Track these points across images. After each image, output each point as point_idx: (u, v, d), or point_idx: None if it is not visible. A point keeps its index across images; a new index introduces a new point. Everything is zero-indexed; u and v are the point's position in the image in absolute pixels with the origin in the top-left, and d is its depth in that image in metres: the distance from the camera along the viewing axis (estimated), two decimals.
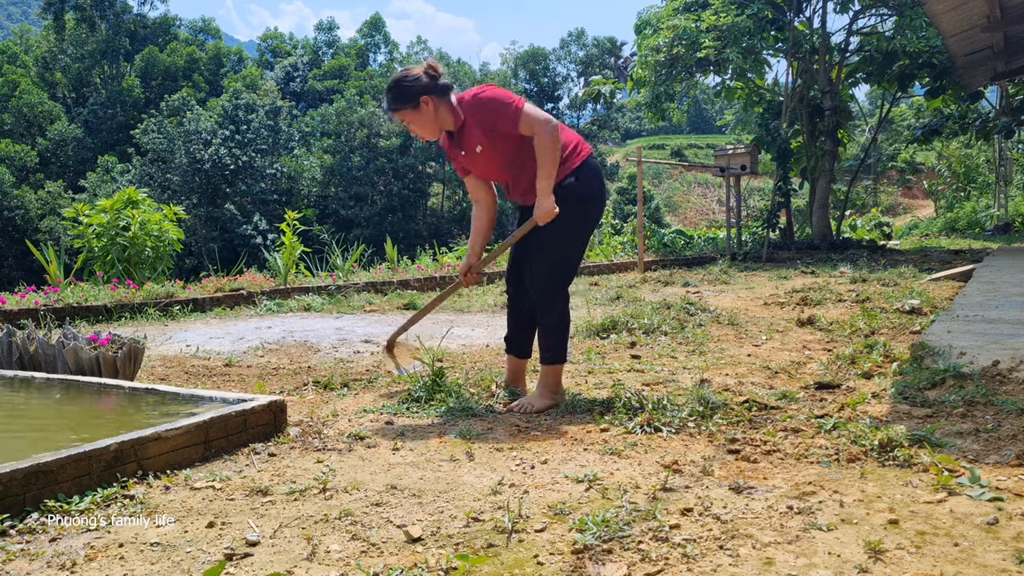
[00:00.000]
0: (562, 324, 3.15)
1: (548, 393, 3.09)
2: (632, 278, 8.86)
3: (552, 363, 3.12)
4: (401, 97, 3.03)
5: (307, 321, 5.86)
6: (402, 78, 3.04)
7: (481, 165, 3.16)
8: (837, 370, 3.57)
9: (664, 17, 12.96)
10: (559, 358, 3.12)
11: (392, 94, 3.05)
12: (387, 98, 3.09)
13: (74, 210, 8.24)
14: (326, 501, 2.09)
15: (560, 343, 3.13)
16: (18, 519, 1.93)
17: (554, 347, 3.12)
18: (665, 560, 1.68)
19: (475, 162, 3.16)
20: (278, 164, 35.93)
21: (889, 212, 33.15)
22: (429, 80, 3.02)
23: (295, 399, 3.35)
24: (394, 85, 3.05)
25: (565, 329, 3.17)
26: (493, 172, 3.20)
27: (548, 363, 3.12)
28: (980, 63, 11.29)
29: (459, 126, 3.11)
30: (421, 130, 3.11)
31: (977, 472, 2.06)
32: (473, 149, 3.10)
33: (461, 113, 3.07)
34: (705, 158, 45.43)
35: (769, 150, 12.63)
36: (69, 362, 3.46)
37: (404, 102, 3.03)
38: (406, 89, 3.02)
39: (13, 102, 39.12)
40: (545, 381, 3.12)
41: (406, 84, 3.02)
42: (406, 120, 3.08)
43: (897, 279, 7.41)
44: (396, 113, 3.08)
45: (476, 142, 3.08)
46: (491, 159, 3.11)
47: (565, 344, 3.15)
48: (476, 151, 3.10)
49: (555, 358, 3.11)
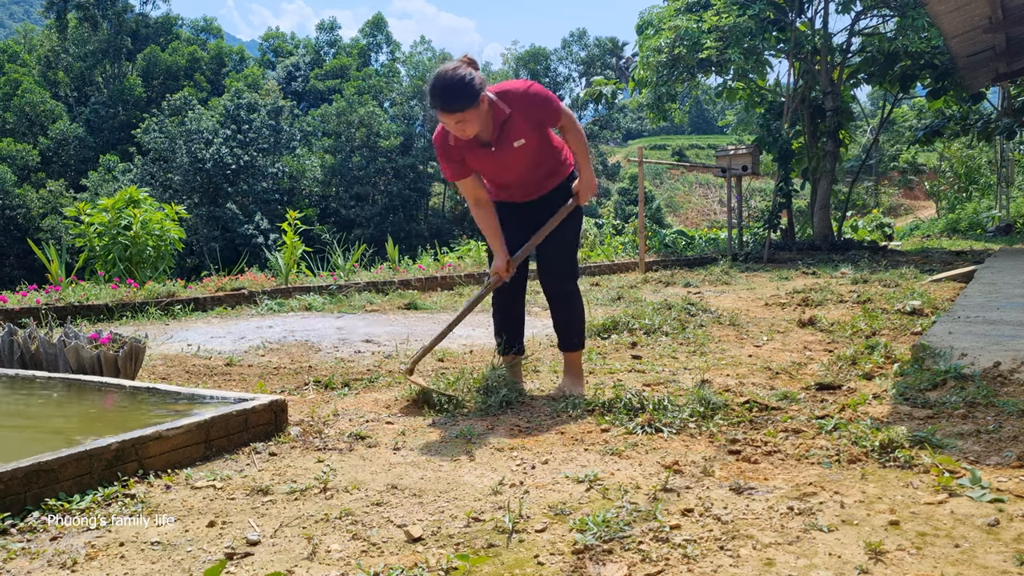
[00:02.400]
0: (582, 311, 3.38)
1: (581, 377, 3.34)
2: (633, 278, 8.86)
3: (579, 349, 3.35)
4: (467, 96, 2.84)
5: (308, 321, 5.86)
6: (463, 76, 2.84)
7: (507, 161, 3.09)
8: (838, 371, 3.57)
9: (666, 18, 12.96)
10: (583, 344, 3.36)
11: (456, 93, 2.84)
12: (444, 97, 2.85)
13: (76, 209, 8.25)
14: (327, 501, 2.09)
15: (582, 329, 3.36)
16: (19, 518, 1.93)
17: (579, 333, 3.34)
18: (665, 560, 1.68)
19: (502, 158, 3.08)
20: (280, 164, 35.94)
21: (890, 213, 33.11)
22: (480, 75, 2.91)
23: (296, 398, 3.35)
24: (457, 83, 2.84)
25: (584, 316, 3.40)
26: (516, 168, 3.14)
27: (576, 349, 3.34)
28: (982, 64, 11.28)
29: (502, 120, 3.00)
30: (474, 128, 2.94)
31: (978, 473, 2.06)
32: (512, 142, 3.04)
33: (505, 107, 2.99)
34: (706, 159, 45.42)
35: (770, 151, 12.62)
36: (70, 361, 3.46)
37: (470, 101, 2.84)
38: (469, 88, 2.83)
39: (15, 101, 39.15)
40: (575, 368, 3.34)
41: (468, 82, 2.83)
42: (463, 119, 2.89)
43: (898, 280, 7.40)
44: (457, 113, 2.86)
45: (520, 135, 3.03)
46: (524, 154, 3.09)
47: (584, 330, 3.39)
48: (515, 145, 3.04)
49: (580, 344, 3.34)
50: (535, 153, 3.12)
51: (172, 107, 37.37)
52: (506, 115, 3.00)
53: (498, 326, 3.43)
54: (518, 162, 3.12)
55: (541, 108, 3.05)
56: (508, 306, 3.38)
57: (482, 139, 3.06)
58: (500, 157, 3.08)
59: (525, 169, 3.16)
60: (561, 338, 3.35)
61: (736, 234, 12.21)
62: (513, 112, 3.01)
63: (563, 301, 3.33)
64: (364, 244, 10.54)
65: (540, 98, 3.05)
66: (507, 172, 3.17)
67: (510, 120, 3.02)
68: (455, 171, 3.15)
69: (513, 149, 3.06)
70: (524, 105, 3.02)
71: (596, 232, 12.89)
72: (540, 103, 3.04)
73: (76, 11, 44.76)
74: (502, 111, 3.00)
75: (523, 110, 3.02)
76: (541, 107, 3.05)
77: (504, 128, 3.02)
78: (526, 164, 3.14)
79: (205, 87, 45.17)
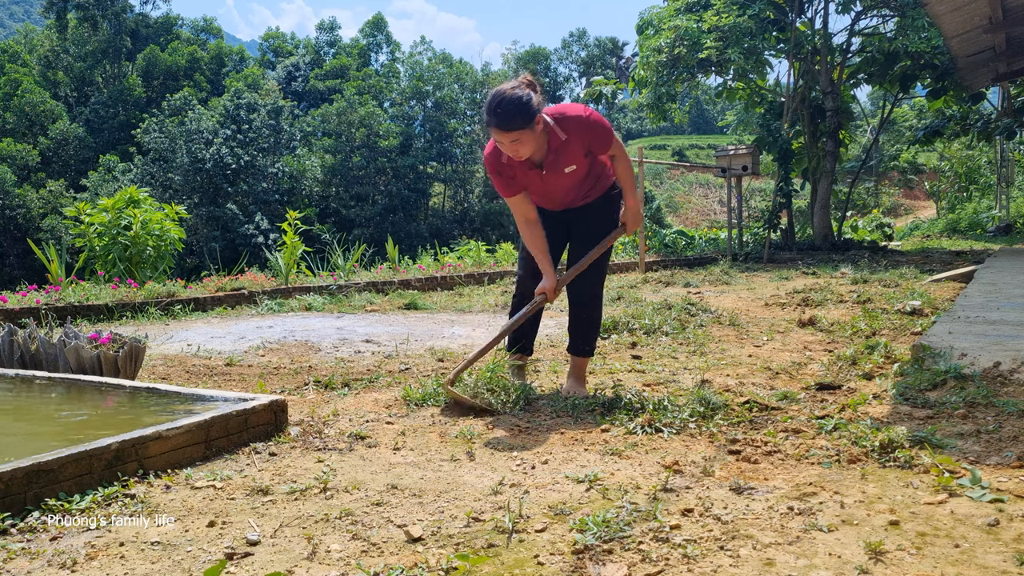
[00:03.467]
0: (599, 321, 3.43)
1: (584, 380, 3.37)
2: (633, 278, 8.86)
3: (588, 356, 3.38)
4: (524, 117, 2.82)
5: (308, 321, 5.86)
6: (520, 96, 2.83)
7: (556, 184, 3.12)
8: (838, 371, 3.57)
9: (666, 18, 12.96)
10: (592, 352, 3.40)
11: (511, 113, 2.82)
12: (502, 116, 2.83)
13: (76, 209, 8.25)
14: (327, 501, 2.09)
15: (596, 338, 3.40)
16: (19, 518, 1.93)
17: (592, 341, 3.37)
18: (665, 560, 1.68)
19: (552, 180, 3.10)
20: (280, 164, 35.93)
21: (890, 213, 33.11)
22: (537, 97, 2.88)
23: (296, 398, 3.35)
24: (514, 103, 2.82)
25: (600, 325, 3.46)
26: (564, 190, 3.17)
27: (586, 355, 3.37)
28: (982, 64, 11.29)
29: (557, 146, 2.99)
30: (527, 150, 2.92)
31: (978, 473, 2.06)
32: (564, 168, 3.04)
33: (561, 133, 2.98)
34: (706, 159, 45.41)
35: (770, 151, 12.63)
36: (70, 361, 3.46)
37: (524, 123, 2.83)
38: (527, 108, 2.82)
39: (15, 101, 39.14)
40: (580, 372, 3.36)
41: (526, 102, 2.82)
42: (518, 139, 2.87)
43: (898, 280, 7.40)
44: (511, 132, 2.84)
45: (572, 161, 3.04)
46: (574, 178, 3.12)
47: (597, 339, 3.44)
48: (566, 171, 3.06)
49: (591, 351, 3.38)
50: (583, 176, 3.15)
51: (172, 107, 37.36)
52: (561, 141, 2.99)
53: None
54: (566, 184, 3.15)
55: (595, 136, 3.05)
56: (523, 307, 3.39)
57: (534, 160, 3.05)
58: (550, 179, 3.10)
59: (571, 189, 3.20)
60: (573, 341, 3.36)
61: (736, 234, 12.21)
62: (569, 139, 3.00)
63: (585, 308, 3.34)
64: (364, 244, 10.55)
65: (598, 127, 3.04)
66: (554, 192, 3.19)
67: (565, 146, 3.00)
68: (507, 187, 3.13)
69: (564, 174, 3.07)
70: (581, 131, 3.01)
71: None
72: (596, 132, 3.04)
73: (76, 11, 44.76)
74: (558, 137, 2.98)
75: (581, 136, 3.01)
76: (596, 135, 3.04)
77: (559, 154, 3.02)
78: (573, 185, 3.17)
79: (205, 87, 45.15)
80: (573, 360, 3.38)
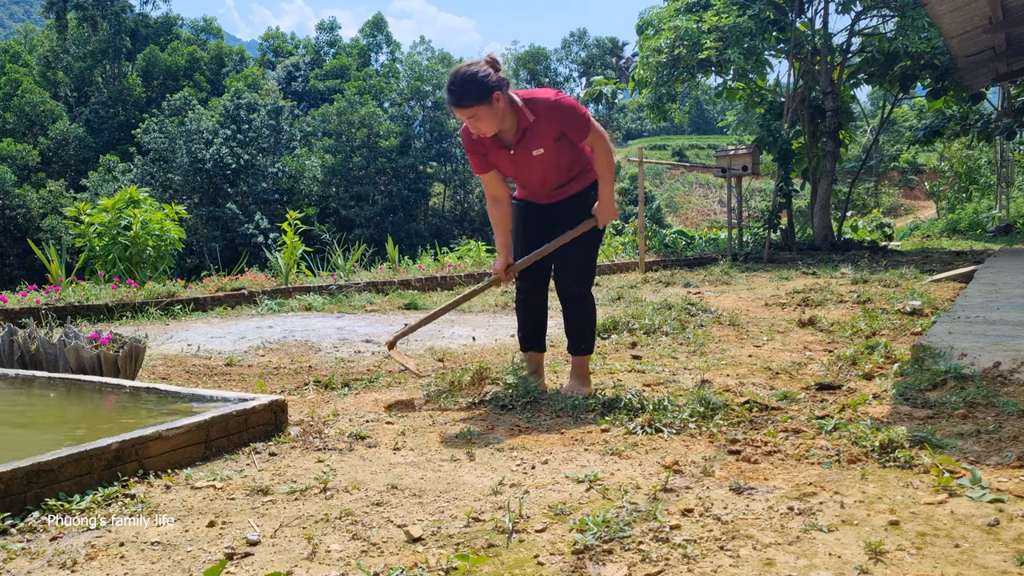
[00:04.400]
0: (594, 317, 3.41)
1: (587, 380, 3.36)
2: (633, 278, 8.85)
3: (587, 354, 3.37)
4: (477, 93, 2.88)
5: (308, 321, 5.86)
6: (475, 72, 2.89)
7: (524, 166, 3.14)
8: (838, 371, 3.57)
9: (666, 18, 12.96)
10: (591, 349, 3.39)
11: (465, 88, 2.88)
12: (456, 92, 2.90)
13: (76, 209, 8.25)
14: (327, 501, 2.09)
15: (593, 335, 3.39)
16: (19, 518, 1.93)
17: (589, 339, 3.36)
18: (665, 560, 1.68)
19: (520, 162, 3.12)
20: (280, 164, 35.94)
21: (890, 213, 33.10)
22: (497, 75, 2.94)
23: (296, 398, 3.35)
24: (468, 79, 2.88)
25: (595, 322, 3.44)
26: (535, 173, 3.18)
27: (585, 353, 3.37)
28: (982, 64, 11.28)
29: (524, 127, 3.03)
30: (487, 126, 2.98)
31: (978, 473, 2.06)
32: (531, 150, 3.07)
33: (530, 114, 3.01)
34: (706, 159, 45.40)
35: (770, 151, 12.62)
36: (70, 361, 3.46)
37: (479, 98, 2.89)
38: (481, 84, 2.87)
39: (15, 101, 39.15)
40: (581, 371, 3.36)
41: (480, 78, 2.88)
42: (475, 115, 2.93)
43: (898, 280, 7.40)
44: (467, 109, 2.91)
45: (541, 144, 3.06)
46: (544, 161, 3.12)
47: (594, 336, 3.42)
48: (534, 153, 3.08)
49: (589, 349, 3.38)
50: (555, 161, 3.14)
51: (172, 107, 37.36)
52: (529, 122, 3.02)
53: (520, 323, 3.47)
54: (537, 168, 3.15)
55: (566, 120, 3.05)
56: (529, 304, 3.40)
57: (504, 139, 3.09)
58: (519, 160, 3.12)
59: (544, 175, 3.19)
60: (570, 341, 3.37)
61: (736, 234, 12.21)
62: (537, 120, 3.02)
63: (576, 304, 3.34)
64: (364, 244, 10.55)
65: (567, 111, 3.05)
66: (526, 175, 3.21)
67: (532, 128, 3.03)
68: (478, 164, 3.21)
69: (532, 156, 3.09)
70: (549, 116, 3.03)
71: None
72: (565, 116, 3.04)
73: (76, 11, 44.76)
74: (526, 118, 3.02)
75: (547, 120, 3.03)
76: (566, 119, 3.05)
77: (525, 135, 3.05)
78: (545, 171, 3.17)
79: (205, 87, 45.16)
80: (572, 360, 3.39)
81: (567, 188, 3.25)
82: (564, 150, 3.12)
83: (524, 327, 3.44)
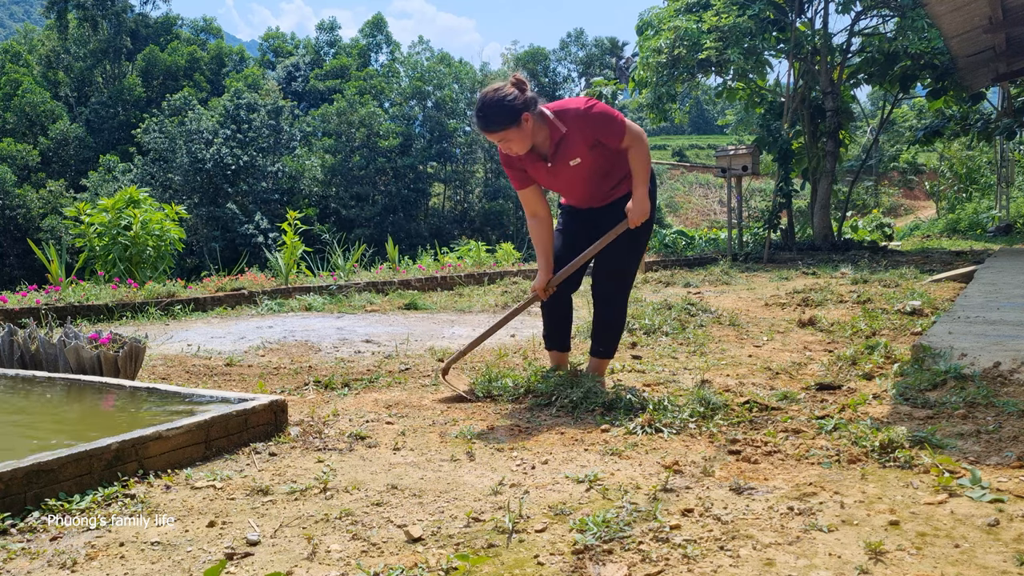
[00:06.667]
0: (621, 323, 3.37)
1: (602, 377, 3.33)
2: None
3: (605, 358, 3.37)
4: (505, 117, 2.91)
5: (308, 321, 5.86)
6: (503, 97, 2.91)
7: (565, 177, 3.14)
8: (838, 371, 3.57)
9: (665, 18, 12.96)
10: (610, 354, 3.38)
11: (493, 113, 2.91)
12: (485, 118, 2.94)
13: (76, 209, 8.25)
14: (327, 501, 2.09)
15: (615, 340, 3.37)
16: (19, 518, 1.93)
17: (610, 343, 3.35)
18: (665, 561, 1.68)
19: (559, 174, 3.12)
20: (280, 164, 35.94)
21: (890, 213, 33.10)
22: (524, 96, 2.94)
23: (296, 399, 3.35)
24: (495, 104, 2.91)
25: (621, 328, 3.38)
26: (576, 184, 3.18)
27: (601, 357, 3.36)
28: (982, 64, 11.28)
29: (557, 139, 3.03)
30: (519, 147, 3.00)
31: (978, 473, 2.06)
32: (568, 161, 3.07)
33: (561, 126, 3.02)
34: (706, 159, 45.40)
35: (770, 151, 12.62)
36: (70, 361, 3.46)
37: (509, 122, 2.92)
38: (508, 108, 2.90)
39: (15, 101, 39.15)
40: (597, 371, 3.36)
41: (508, 103, 2.90)
42: (505, 138, 2.96)
43: (898, 280, 7.40)
44: (497, 133, 2.95)
45: (576, 154, 3.06)
46: (583, 171, 3.12)
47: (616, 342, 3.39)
48: (571, 164, 3.08)
49: (608, 354, 3.36)
50: (594, 170, 3.13)
51: (172, 107, 37.36)
52: (562, 134, 3.02)
53: (544, 323, 3.47)
54: (576, 178, 3.15)
55: (600, 128, 3.04)
56: (554, 305, 3.39)
57: (540, 152, 3.09)
58: (557, 172, 3.12)
59: (585, 184, 3.19)
60: (592, 342, 3.38)
61: (736, 234, 12.21)
62: (569, 132, 3.02)
63: (605, 307, 3.32)
64: (364, 244, 10.55)
65: (598, 118, 3.04)
66: (567, 186, 3.20)
67: (565, 139, 3.03)
68: (517, 180, 3.20)
69: (569, 167, 3.09)
70: (580, 125, 3.02)
71: None
72: (598, 123, 3.03)
73: (76, 11, 44.76)
74: (558, 130, 3.02)
75: (579, 130, 3.02)
76: (599, 127, 3.04)
77: (560, 147, 3.05)
78: (585, 180, 3.17)
79: (205, 87, 45.15)
80: (590, 361, 3.41)
81: (612, 194, 3.23)
82: (602, 157, 3.11)
83: (547, 326, 3.45)
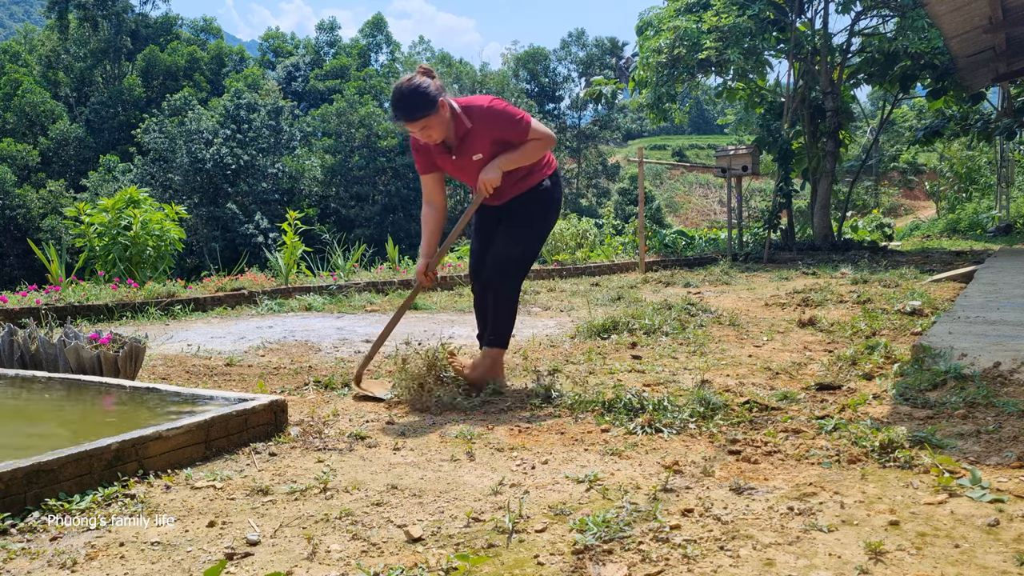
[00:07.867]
0: (512, 312, 3.31)
1: (483, 371, 3.26)
2: (633, 279, 8.85)
3: (496, 346, 3.29)
4: (424, 104, 3.01)
5: (308, 321, 5.86)
6: (417, 85, 3.01)
7: (469, 170, 3.23)
8: (838, 371, 3.57)
9: (665, 18, 12.96)
10: (502, 343, 3.30)
11: (413, 101, 3.01)
12: (404, 108, 3.03)
13: (76, 209, 8.25)
14: (327, 501, 2.09)
15: (506, 330, 3.30)
16: (19, 518, 1.93)
17: (500, 332, 3.29)
18: (665, 561, 1.68)
19: (464, 167, 3.22)
20: (280, 164, 35.94)
21: (890, 213, 33.11)
22: (436, 83, 3.04)
23: (296, 399, 3.35)
24: (412, 92, 3.00)
25: (513, 317, 3.32)
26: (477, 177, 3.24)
27: (492, 345, 3.30)
28: (982, 64, 11.28)
29: (463, 134, 3.13)
30: (437, 133, 3.09)
31: (978, 473, 2.06)
32: (470, 155, 3.16)
33: (467, 121, 3.10)
34: (706, 159, 45.40)
35: (770, 151, 12.62)
36: (70, 361, 3.46)
37: (427, 109, 3.01)
38: (425, 95, 3.00)
39: (15, 101, 39.15)
40: (483, 361, 3.29)
41: (424, 90, 3.00)
42: (426, 126, 3.04)
43: (898, 280, 7.40)
44: (417, 121, 3.03)
45: (478, 149, 3.15)
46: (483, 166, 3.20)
47: (510, 332, 3.32)
48: (473, 158, 3.17)
49: (499, 342, 3.30)
50: None
51: (172, 107, 37.36)
52: (467, 129, 3.12)
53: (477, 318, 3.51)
54: (477, 172, 3.22)
55: (499, 125, 3.13)
56: (479, 300, 3.46)
57: (448, 143, 3.19)
58: (461, 165, 3.22)
59: None
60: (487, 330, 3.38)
61: (736, 234, 12.21)
62: (474, 127, 3.11)
63: (492, 294, 3.33)
64: (364, 244, 10.55)
65: (500, 115, 3.12)
66: (470, 179, 3.28)
67: (470, 134, 3.13)
68: (422, 164, 3.30)
69: (472, 161, 3.18)
70: (484, 121, 3.12)
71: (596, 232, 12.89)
72: (502, 120, 3.12)
73: (77, 11, 44.76)
74: (463, 125, 3.11)
75: (483, 126, 3.12)
76: (500, 124, 3.13)
77: (464, 141, 3.15)
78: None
79: (205, 87, 45.14)
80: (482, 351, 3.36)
81: (513, 189, 3.30)
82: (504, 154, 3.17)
83: (478, 325, 3.49)
